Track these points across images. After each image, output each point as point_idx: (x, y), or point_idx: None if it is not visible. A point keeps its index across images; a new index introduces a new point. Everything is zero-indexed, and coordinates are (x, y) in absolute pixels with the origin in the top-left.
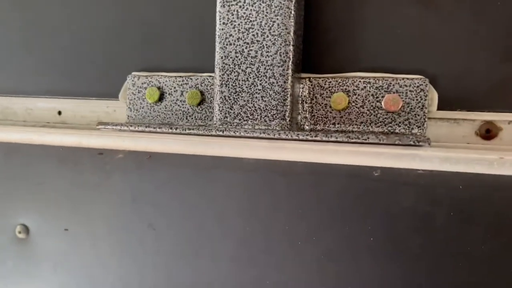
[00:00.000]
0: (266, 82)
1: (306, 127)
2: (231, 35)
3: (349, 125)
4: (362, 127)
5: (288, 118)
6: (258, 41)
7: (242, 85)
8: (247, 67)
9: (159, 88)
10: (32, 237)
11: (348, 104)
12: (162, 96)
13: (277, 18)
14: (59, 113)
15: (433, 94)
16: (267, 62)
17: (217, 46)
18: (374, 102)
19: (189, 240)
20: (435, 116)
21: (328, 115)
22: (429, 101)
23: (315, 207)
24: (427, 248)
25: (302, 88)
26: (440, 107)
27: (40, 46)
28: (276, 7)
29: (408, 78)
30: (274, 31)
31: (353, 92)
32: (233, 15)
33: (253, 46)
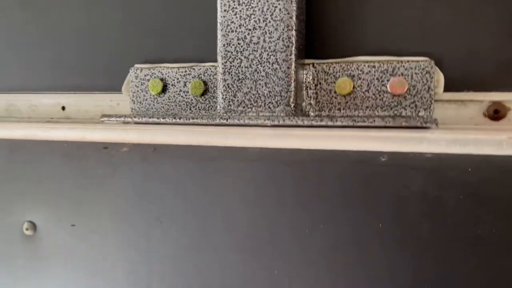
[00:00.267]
0: (270, 68)
1: (311, 113)
2: (233, 22)
3: (355, 110)
4: (368, 112)
5: (293, 104)
6: (260, 27)
7: (245, 72)
8: (250, 54)
9: (162, 80)
10: (40, 234)
11: (353, 89)
12: (165, 88)
13: (279, 3)
14: (63, 109)
15: (439, 76)
16: (270, 48)
17: (219, 34)
18: (380, 86)
19: (196, 232)
20: (442, 98)
21: (333, 101)
22: (435, 83)
23: (322, 195)
24: (437, 233)
25: (306, 74)
26: (447, 89)
27: (42, 42)
28: None
29: (413, 61)
30: (276, 17)
31: (358, 77)
32: (234, 2)
33: (255, 32)
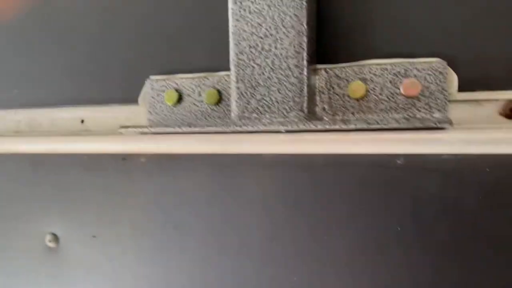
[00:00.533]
0: (282, 75)
1: (325, 118)
2: (245, 31)
3: (369, 113)
4: (382, 115)
5: (306, 109)
6: (272, 35)
7: (258, 79)
8: (262, 61)
9: (177, 90)
10: (62, 246)
11: (366, 92)
12: (181, 98)
13: (290, 10)
14: (82, 122)
15: (453, 76)
16: (282, 55)
17: (231, 43)
18: (393, 88)
19: (214, 239)
20: (456, 99)
21: (347, 105)
22: (449, 84)
23: (339, 199)
24: (457, 234)
25: (319, 79)
26: (461, 89)
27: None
28: (288, 0)
29: (426, 62)
30: (287, 23)
31: (371, 80)
32: (245, 11)
33: (267, 40)
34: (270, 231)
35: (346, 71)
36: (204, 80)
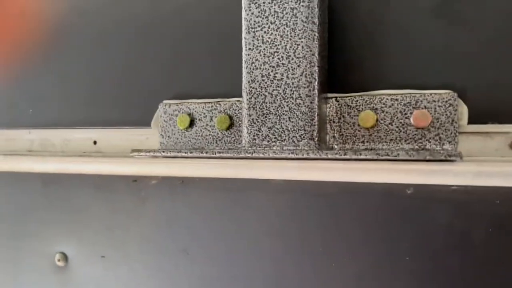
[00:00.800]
0: (293, 104)
1: (335, 146)
2: (257, 60)
3: (379, 143)
4: (392, 145)
5: (316, 138)
6: (284, 64)
7: (270, 107)
8: (274, 90)
9: (190, 115)
10: (71, 265)
11: (377, 122)
12: (193, 122)
13: (301, 41)
14: (95, 143)
15: (463, 108)
16: (293, 84)
17: (244, 71)
18: (403, 119)
19: (223, 264)
20: (467, 130)
21: (357, 134)
22: (459, 115)
23: (348, 227)
24: (467, 266)
25: (329, 108)
26: (471, 121)
27: (75, 80)
28: (300, 31)
29: (436, 93)
30: (299, 54)
31: (381, 110)
32: (258, 41)
33: (279, 69)
34: (279, 257)
35: (357, 101)
36: (216, 106)
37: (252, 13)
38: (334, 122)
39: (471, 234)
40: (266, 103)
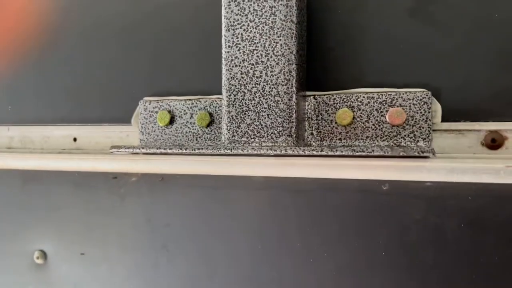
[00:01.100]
0: (272, 101)
1: (313, 143)
2: (237, 57)
3: (355, 140)
4: (368, 142)
5: (294, 135)
6: (263, 62)
7: (249, 105)
8: (253, 87)
9: (170, 112)
10: (50, 263)
11: (353, 120)
12: (173, 119)
13: (280, 39)
14: (75, 140)
15: (437, 106)
16: (272, 82)
17: (224, 68)
18: (379, 117)
19: (202, 260)
20: (440, 128)
21: (334, 131)
22: (433, 113)
23: (326, 223)
24: (440, 260)
25: (308, 105)
26: (445, 119)
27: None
28: (279, 29)
29: (411, 92)
30: (278, 52)
31: (358, 108)
32: (238, 38)
33: (258, 67)
34: (258, 253)
35: (334, 99)
36: (196, 103)
37: (232, 11)
38: (312, 120)
39: (444, 229)
40: (245, 100)
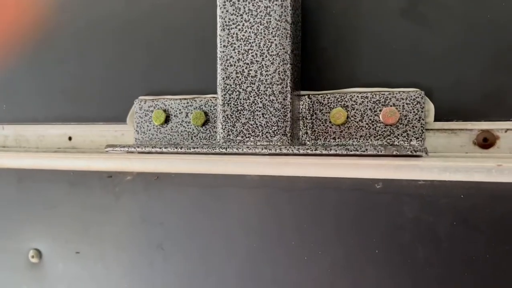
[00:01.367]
0: (267, 100)
1: (307, 142)
2: (232, 57)
3: (349, 139)
4: (362, 141)
5: (289, 134)
6: (258, 61)
7: (244, 104)
8: (248, 86)
9: (165, 111)
10: (45, 261)
11: (347, 119)
12: (168, 118)
13: (275, 39)
14: (70, 139)
15: (430, 106)
16: (267, 81)
17: (219, 68)
18: (372, 116)
19: (197, 259)
20: (433, 127)
21: (328, 130)
22: (426, 113)
23: (320, 221)
24: (433, 258)
25: (302, 105)
26: (437, 118)
27: (50, 75)
28: (274, 29)
29: (404, 91)
30: (272, 51)
31: (351, 107)
32: (233, 38)
33: (253, 66)
34: (253, 252)
35: (329, 98)
36: (192, 102)
37: (227, 11)
38: (307, 119)
39: (437, 227)
40: (240, 100)
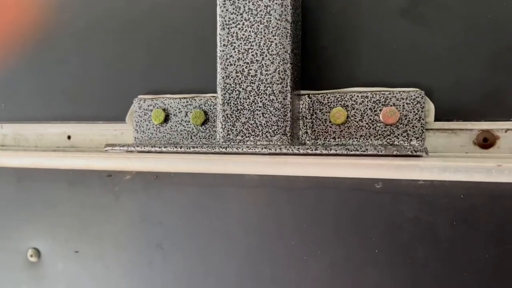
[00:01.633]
0: (266, 100)
1: (307, 142)
2: (232, 56)
3: (349, 139)
4: (362, 140)
5: (289, 133)
6: (258, 61)
7: (244, 103)
8: (248, 86)
9: (164, 110)
10: (44, 261)
11: (347, 119)
12: (167, 117)
13: (275, 38)
14: (69, 138)
15: (430, 106)
16: (267, 80)
17: (219, 67)
18: (372, 116)
19: (196, 258)
20: (433, 127)
21: (328, 130)
22: (426, 113)
23: (319, 221)
24: (432, 258)
25: (302, 104)
26: (437, 118)
27: (49, 74)
28: (274, 28)
29: (404, 91)
30: (272, 51)
31: (352, 107)
32: (233, 37)
33: (253, 66)
34: (252, 251)
35: (329, 98)
36: (191, 101)
37: (227, 10)
38: (307, 118)
39: (437, 227)
40: (240, 99)
